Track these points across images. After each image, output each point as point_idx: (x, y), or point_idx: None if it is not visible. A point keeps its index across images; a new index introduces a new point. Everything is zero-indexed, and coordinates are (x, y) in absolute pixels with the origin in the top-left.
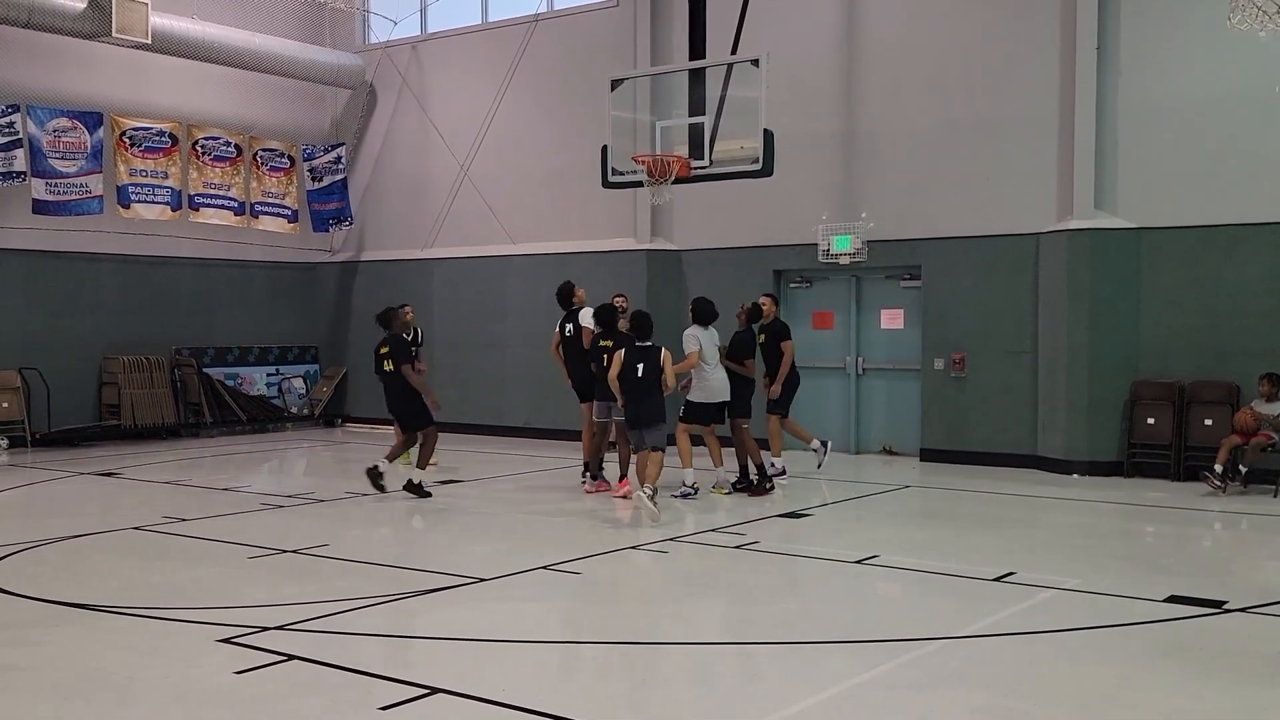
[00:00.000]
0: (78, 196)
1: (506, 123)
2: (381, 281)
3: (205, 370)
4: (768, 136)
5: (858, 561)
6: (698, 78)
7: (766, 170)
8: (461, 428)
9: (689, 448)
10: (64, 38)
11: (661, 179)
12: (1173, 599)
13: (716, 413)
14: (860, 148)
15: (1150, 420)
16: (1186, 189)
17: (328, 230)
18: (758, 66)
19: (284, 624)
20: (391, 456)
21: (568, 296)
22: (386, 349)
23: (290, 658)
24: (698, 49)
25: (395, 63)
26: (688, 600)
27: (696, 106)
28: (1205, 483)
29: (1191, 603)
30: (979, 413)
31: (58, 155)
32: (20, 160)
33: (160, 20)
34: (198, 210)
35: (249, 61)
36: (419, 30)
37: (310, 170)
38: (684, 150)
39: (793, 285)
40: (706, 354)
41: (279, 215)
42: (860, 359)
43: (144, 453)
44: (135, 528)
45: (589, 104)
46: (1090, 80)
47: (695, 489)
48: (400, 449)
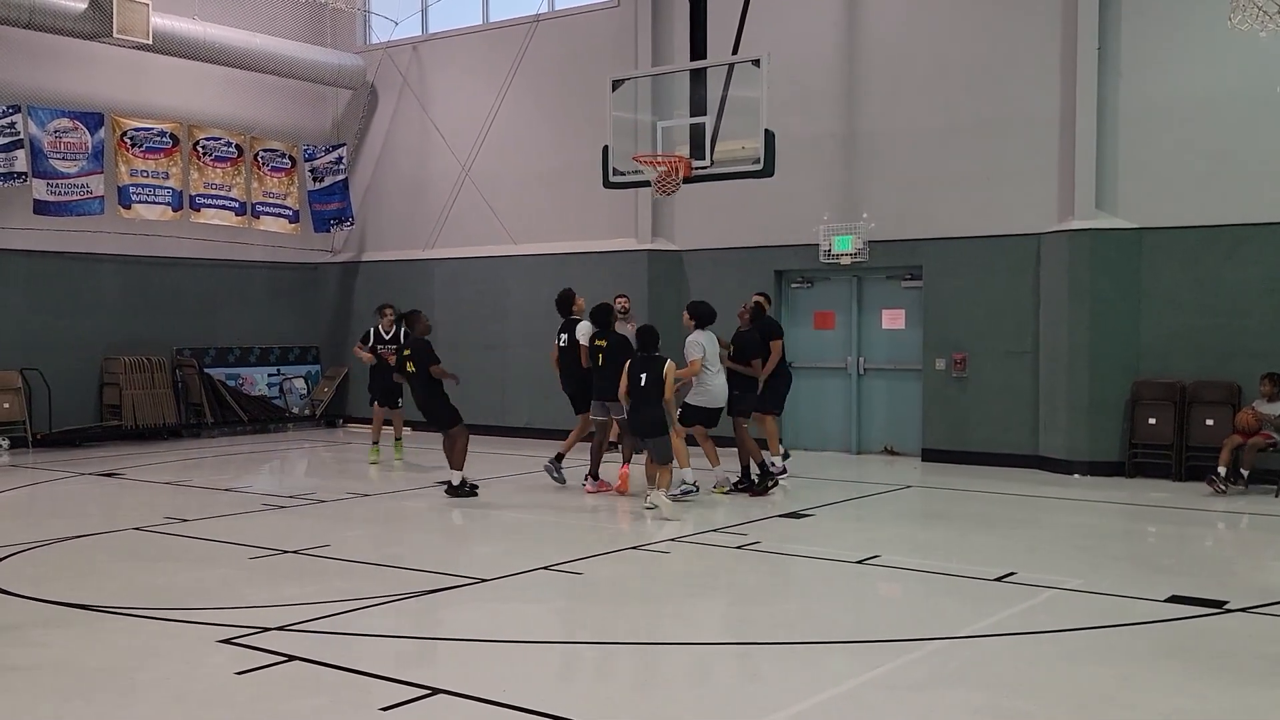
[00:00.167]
0: (79, 197)
1: (507, 123)
2: (383, 282)
3: (206, 371)
4: (769, 137)
5: (859, 562)
6: (699, 78)
7: (768, 170)
8: None
9: (685, 449)
10: (65, 38)
11: (669, 180)
12: (1174, 599)
13: (713, 418)
14: (861, 148)
15: (1151, 420)
16: (1188, 189)
17: (329, 230)
18: (758, 67)
19: (285, 624)
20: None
21: (568, 304)
22: (409, 352)
23: (291, 658)
24: (698, 49)
25: (396, 63)
26: (688, 600)
27: (697, 107)
28: (1208, 484)
29: (1193, 603)
30: (980, 413)
31: (59, 156)
32: (21, 161)
33: (161, 21)
34: (199, 211)
35: (250, 62)
36: (420, 31)
37: (311, 171)
38: (685, 150)
39: (794, 285)
40: (709, 359)
41: (280, 216)
42: (861, 359)
43: (145, 453)
44: (136, 528)
45: (590, 104)
46: (1091, 80)
47: (696, 487)
48: (393, 438)
